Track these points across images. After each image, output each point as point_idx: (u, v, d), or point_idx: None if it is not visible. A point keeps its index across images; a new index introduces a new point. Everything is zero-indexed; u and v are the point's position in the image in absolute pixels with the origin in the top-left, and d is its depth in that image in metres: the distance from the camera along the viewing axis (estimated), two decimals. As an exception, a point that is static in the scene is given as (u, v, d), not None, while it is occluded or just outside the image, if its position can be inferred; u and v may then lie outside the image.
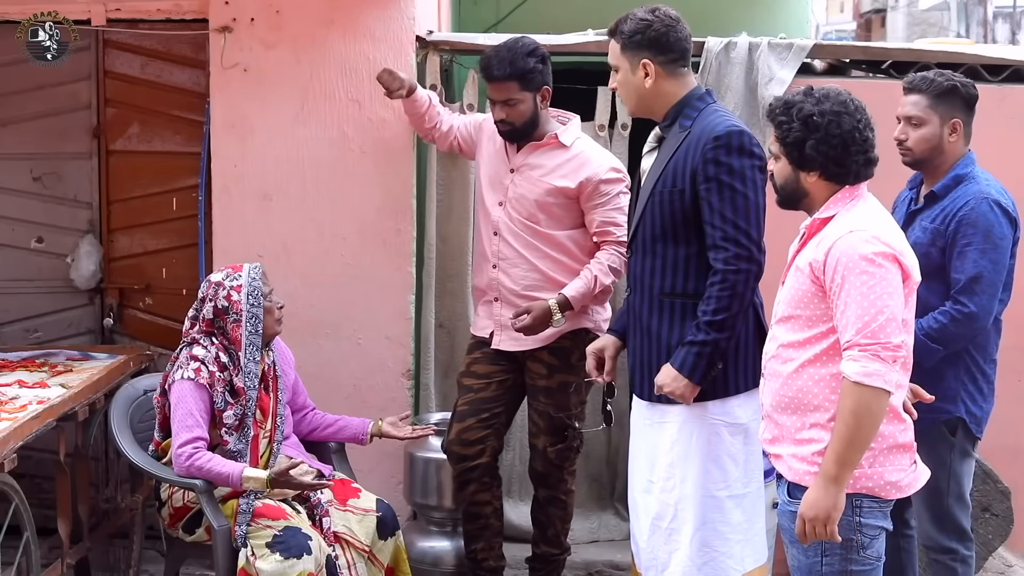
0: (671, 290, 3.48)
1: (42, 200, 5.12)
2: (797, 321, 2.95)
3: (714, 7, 6.32)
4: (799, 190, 2.99)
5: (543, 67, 4.17)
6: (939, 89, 3.65)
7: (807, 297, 2.92)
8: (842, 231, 2.87)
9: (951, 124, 3.65)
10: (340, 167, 4.74)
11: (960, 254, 3.57)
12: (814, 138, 2.90)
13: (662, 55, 3.45)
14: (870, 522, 2.92)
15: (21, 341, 5.03)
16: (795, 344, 2.95)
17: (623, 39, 3.48)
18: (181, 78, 5.03)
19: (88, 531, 4.28)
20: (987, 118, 4.59)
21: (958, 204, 3.59)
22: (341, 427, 4.19)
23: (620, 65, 3.52)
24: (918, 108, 3.66)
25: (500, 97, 4.11)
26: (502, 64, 4.09)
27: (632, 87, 3.51)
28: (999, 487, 4.45)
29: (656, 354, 3.50)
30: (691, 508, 3.47)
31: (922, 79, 3.69)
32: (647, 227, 3.51)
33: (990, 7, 29.32)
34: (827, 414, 2.89)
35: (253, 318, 3.85)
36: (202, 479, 3.71)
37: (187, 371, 3.79)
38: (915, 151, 3.68)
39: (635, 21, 3.47)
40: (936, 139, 3.66)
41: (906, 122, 3.69)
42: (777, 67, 4.76)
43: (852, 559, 2.93)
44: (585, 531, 5.03)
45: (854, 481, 2.87)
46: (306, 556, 3.59)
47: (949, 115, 3.65)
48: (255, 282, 3.88)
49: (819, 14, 28.05)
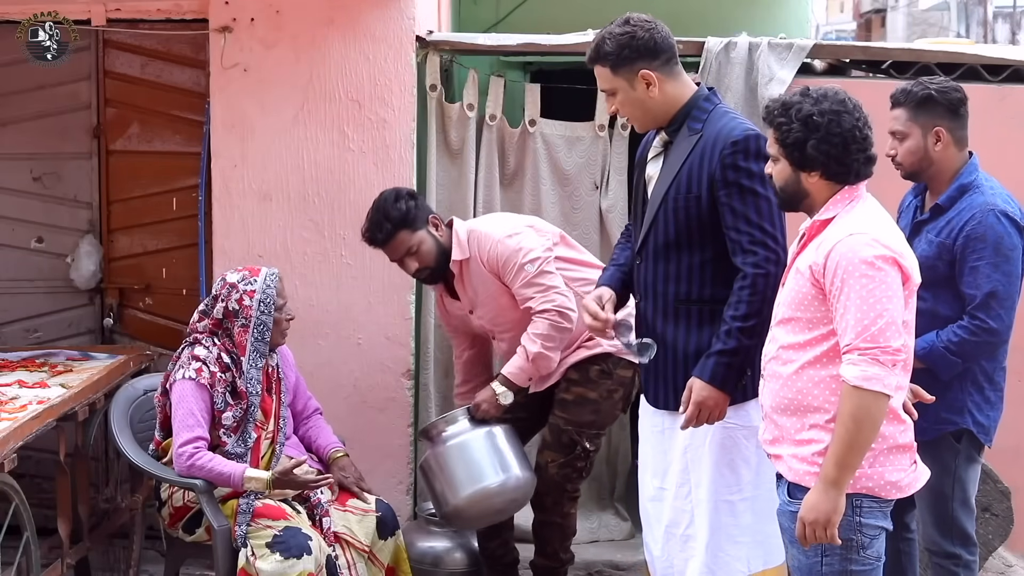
0: (687, 297, 3.41)
1: (42, 200, 5.12)
2: (797, 323, 2.95)
3: (714, 7, 6.32)
4: (800, 191, 2.98)
5: (414, 201, 4.18)
6: (915, 99, 3.59)
7: (807, 300, 2.92)
8: (842, 234, 2.87)
9: (934, 133, 3.57)
10: (340, 167, 4.74)
11: (972, 269, 3.49)
12: (815, 137, 2.89)
13: (656, 59, 3.36)
14: (870, 522, 2.92)
15: (21, 341, 5.03)
16: (795, 346, 2.95)
17: (611, 60, 3.36)
18: (181, 78, 5.03)
19: (88, 531, 4.27)
20: (987, 118, 4.59)
21: (964, 217, 3.52)
22: (319, 446, 4.15)
23: (616, 87, 3.40)
24: (899, 122, 3.62)
25: (398, 255, 4.18)
26: (380, 228, 4.14)
27: (637, 103, 3.40)
28: (999, 487, 4.45)
29: (672, 362, 3.44)
30: (705, 514, 3.44)
31: (901, 92, 3.63)
32: (659, 234, 3.43)
33: (990, 7, 29.30)
34: (827, 415, 2.89)
35: (261, 325, 3.85)
36: (203, 479, 3.71)
37: (188, 371, 3.79)
38: (905, 164, 3.64)
39: (616, 38, 3.35)
40: (921, 150, 3.59)
41: (893, 137, 3.65)
42: (777, 67, 4.75)
43: (852, 559, 2.92)
44: (585, 531, 5.02)
45: (854, 481, 2.87)
46: (306, 556, 3.59)
47: (931, 124, 3.57)
48: (269, 290, 3.88)
49: (819, 14, 28.03)
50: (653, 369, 3.50)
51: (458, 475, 4.03)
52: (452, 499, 4.04)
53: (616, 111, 3.51)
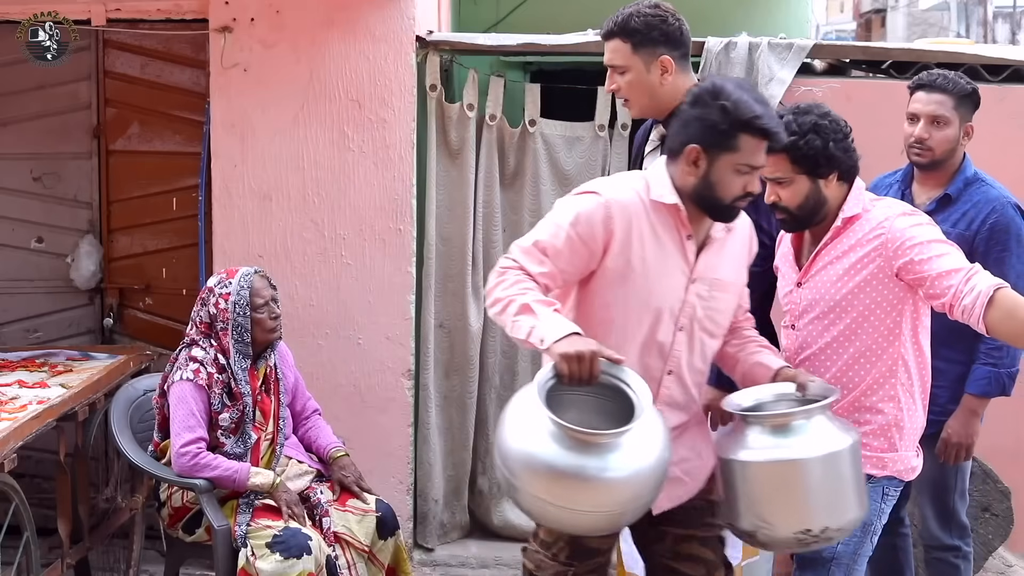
0: None
1: (42, 200, 5.12)
2: (843, 315, 3.00)
3: (714, 7, 6.31)
4: (820, 200, 3.03)
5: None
6: (963, 91, 3.62)
7: (865, 290, 2.97)
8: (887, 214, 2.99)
9: (966, 127, 3.63)
10: (340, 167, 4.74)
11: (997, 260, 3.50)
12: (832, 139, 2.97)
13: (677, 50, 3.29)
14: (887, 509, 3.04)
15: (21, 341, 5.03)
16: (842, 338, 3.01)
17: (636, 37, 3.24)
18: (181, 78, 5.03)
19: (88, 531, 4.27)
20: (987, 118, 4.59)
21: (984, 209, 3.56)
22: (319, 446, 4.13)
23: (631, 65, 3.27)
24: (945, 108, 3.60)
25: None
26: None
27: (646, 87, 3.29)
28: (999, 487, 4.45)
29: None
30: None
31: (945, 79, 3.63)
32: None
33: (990, 7, 29.29)
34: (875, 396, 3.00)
35: (239, 327, 3.84)
36: (206, 479, 3.72)
37: (186, 372, 3.79)
38: (936, 152, 3.62)
39: (645, 17, 3.26)
40: (955, 141, 3.62)
41: (929, 121, 3.61)
42: (777, 67, 4.75)
43: (866, 543, 3.03)
44: (585, 531, 5.03)
45: (883, 466, 2.99)
46: (306, 556, 3.59)
47: (967, 118, 3.64)
48: (243, 291, 3.86)
49: (819, 14, 28.01)
50: None
51: (833, 499, 2.82)
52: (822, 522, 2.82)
53: (616, 89, 3.37)
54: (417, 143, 4.77)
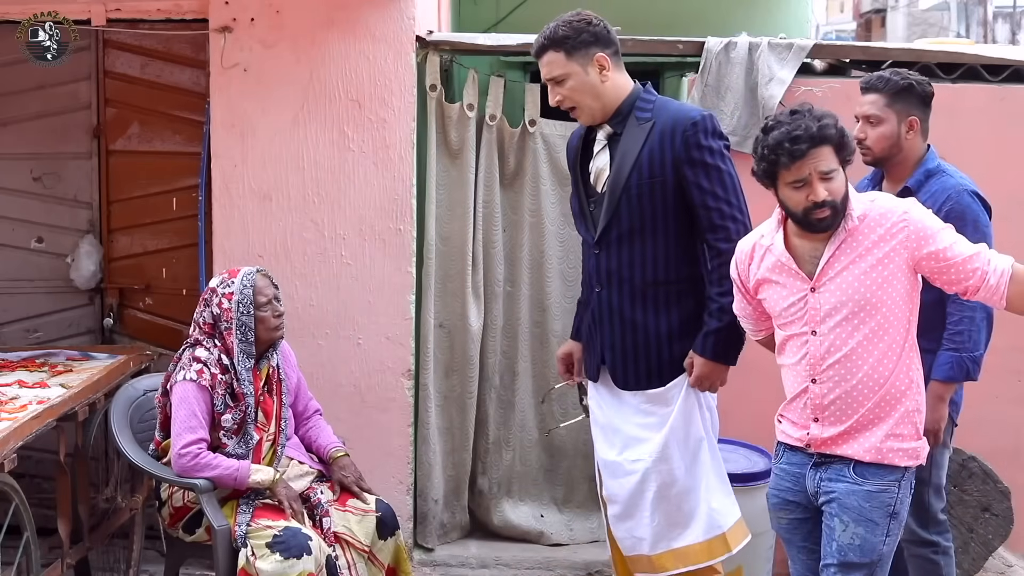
0: (654, 280, 3.54)
1: (42, 200, 5.12)
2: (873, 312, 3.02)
3: (714, 7, 6.33)
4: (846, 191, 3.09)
5: None
6: (895, 87, 3.71)
7: (892, 283, 3.01)
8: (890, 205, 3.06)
9: (908, 122, 3.70)
10: (340, 167, 4.74)
11: None
12: (844, 128, 3.04)
13: (608, 48, 3.51)
14: (907, 501, 3.11)
15: (21, 341, 5.04)
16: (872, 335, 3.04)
17: (567, 45, 3.47)
18: (181, 78, 5.03)
19: (88, 531, 4.27)
20: (987, 118, 4.60)
21: (939, 198, 3.62)
22: (319, 446, 4.14)
23: (570, 71, 3.49)
24: (876, 107, 3.72)
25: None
26: None
27: (589, 88, 3.50)
28: (999, 487, 4.45)
29: (644, 344, 3.57)
30: (699, 456, 3.57)
31: (878, 78, 3.75)
32: (623, 221, 3.53)
33: (990, 7, 29.31)
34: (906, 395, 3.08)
35: (243, 327, 3.85)
36: (206, 479, 3.72)
37: (189, 372, 3.79)
38: (874, 149, 3.73)
39: (570, 24, 3.49)
40: (894, 137, 3.71)
41: (864, 121, 3.74)
42: (777, 67, 4.75)
43: (894, 535, 3.09)
44: (585, 531, 5.03)
45: (917, 456, 3.06)
46: (306, 556, 3.59)
47: (906, 113, 3.70)
48: (246, 290, 3.87)
49: (819, 14, 28.02)
50: (621, 352, 3.60)
51: None
52: None
53: (561, 100, 3.56)
54: (417, 143, 4.77)
